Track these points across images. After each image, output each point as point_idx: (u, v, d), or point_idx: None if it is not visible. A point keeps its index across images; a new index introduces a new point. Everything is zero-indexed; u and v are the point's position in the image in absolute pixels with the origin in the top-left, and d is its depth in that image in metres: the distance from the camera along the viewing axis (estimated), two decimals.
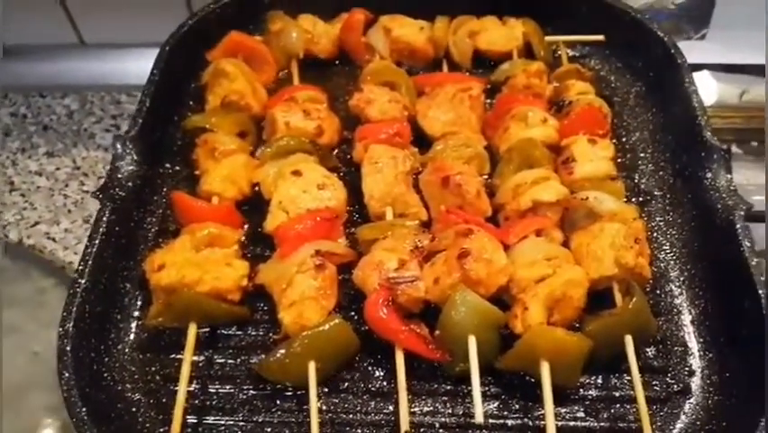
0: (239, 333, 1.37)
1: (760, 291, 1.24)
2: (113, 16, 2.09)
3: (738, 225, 1.33)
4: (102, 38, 2.18)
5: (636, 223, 1.35)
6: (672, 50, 1.67)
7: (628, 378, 1.26)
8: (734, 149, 1.85)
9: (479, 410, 1.16)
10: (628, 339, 1.24)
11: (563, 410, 1.25)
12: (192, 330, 1.29)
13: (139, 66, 1.76)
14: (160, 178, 1.62)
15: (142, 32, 2.01)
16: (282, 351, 1.24)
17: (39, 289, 1.69)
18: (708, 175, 1.46)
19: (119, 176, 1.47)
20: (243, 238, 1.48)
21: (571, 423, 1.24)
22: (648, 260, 1.34)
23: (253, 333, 1.37)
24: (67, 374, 1.18)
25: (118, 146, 1.50)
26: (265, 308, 1.38)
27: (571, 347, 1.21)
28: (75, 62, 2.17)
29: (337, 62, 1.87)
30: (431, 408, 1.26)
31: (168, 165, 1.64)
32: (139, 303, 1.41)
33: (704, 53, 1.99)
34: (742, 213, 1.35)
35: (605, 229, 1.34)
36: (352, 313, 1.36)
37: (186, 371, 1.24)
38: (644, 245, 1.33)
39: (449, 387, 1.28)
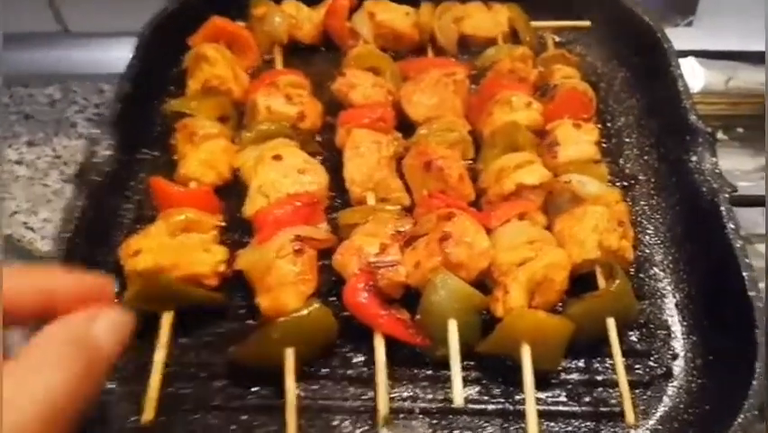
0: (216, 319, 1.33)
1: (744, 274, 1.22)
2: (97, 4, 2.05)
3: (723, 208, 1.32)
4: (86, 26, 2.14)
5: (620, 206, 1.33)
6: (659, 35, 1.66)
7: (611, 362, 1.24)
8: (720, 135, 1.84)
9: (458, 394, 1.13)
10: (611, 322, 1.22)
11: (545, 395, 1.23)
12: (167, 316, 1.26)
13: (123, 54, 1.72)
14: (139, 164, 1.58)
15: (128, 20, 1.98)
16: (258, 337, 1.21)
17: None
18: (693, 158, 1.44)
19: (95, 161, 1.45)
20: (223, 224, 1.44)
21: (553, 407, 1.22)
22: (632, 243, 1.32)
23: (231, 320, 1.34)
24: None
25: (95, 131, 1.47)
26: (243, 295, 1.35)
27: (553, 329, 1.19)
28: (58, 50, 2.13)
29: (322, 48, 1.84)
30: (411, 393, 1.24)
31: (146, 151, 1.61)
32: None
33: (690, 40, 1.97)
34: (726, 195, 1.34)
35: (588, 213, 1.32)
36: (333, 298, 1.33)
37: (160, 357, 1.21)
38: (628, 228, 1.32)
39: (429, 372, 1.26)
